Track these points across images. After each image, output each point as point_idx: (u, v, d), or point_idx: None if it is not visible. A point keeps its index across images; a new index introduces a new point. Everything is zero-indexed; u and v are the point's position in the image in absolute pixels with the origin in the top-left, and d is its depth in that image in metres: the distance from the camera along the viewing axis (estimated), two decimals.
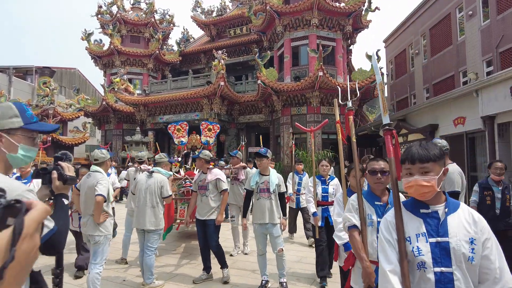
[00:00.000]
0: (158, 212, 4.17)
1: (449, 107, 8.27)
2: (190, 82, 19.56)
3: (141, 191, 4.21)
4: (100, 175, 3.67)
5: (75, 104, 20.97)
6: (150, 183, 4.20)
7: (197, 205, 4.55)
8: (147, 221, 4.11)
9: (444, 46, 17.25)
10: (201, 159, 4.48)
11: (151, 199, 4.16)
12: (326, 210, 4.44)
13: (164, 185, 4.23)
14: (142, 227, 4.16)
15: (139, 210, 4.20)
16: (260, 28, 19.39)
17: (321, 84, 15.49)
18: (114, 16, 23.62)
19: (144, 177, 4.29)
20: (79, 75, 33.17)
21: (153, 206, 4.14)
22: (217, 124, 7.45)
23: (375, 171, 2.28)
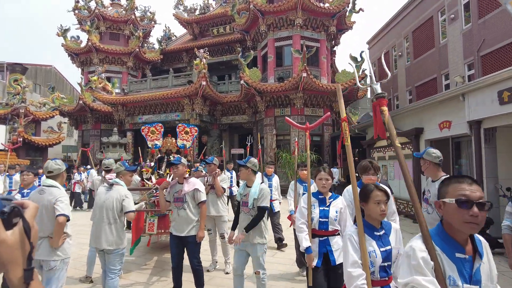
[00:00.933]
0: (118, 230, 3.66)
1: (434, 111, 8.10)
2: (171, 81, 18.97)
3: (97, 205, 3.72)
4: (58, 191, 3.17)
5: (49, 103, 20.01)
6: (108, 196, 3.69)
7: (172, 219, 4.07)
8: (104, 240, 3.60)
9: (426, 49, 17.32)
10: (184, 165, 4.05)
11: (108, 215, 3.64)
12: (325, 243, 2.99)
13: (126, 199, 3.67)
14: (96, 245, 3.67)
15: (95, 227, 3.70)
16: (244, 27, 19.02)
17: (305, 85, 15.24)
18: (92, 12, 22.73)
19: (103, 189, 3.78)
20: (56, 72, 31.90)
21: (110, 223, 3.62)
22: (194, 127, 6.98)
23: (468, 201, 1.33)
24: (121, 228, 3.68)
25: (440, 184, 1.55)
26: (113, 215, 3.63)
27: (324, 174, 3.08)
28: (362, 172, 3.14)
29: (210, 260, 5.31)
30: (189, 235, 3.86)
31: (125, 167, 3.96)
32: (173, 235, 3.97)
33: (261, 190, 3.57)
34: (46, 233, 3.12)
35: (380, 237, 2.07)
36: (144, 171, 5.86)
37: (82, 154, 22.27)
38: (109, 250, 3.60)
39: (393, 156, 10.68)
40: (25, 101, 18.16)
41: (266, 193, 3.57)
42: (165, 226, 5.31)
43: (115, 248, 3.61)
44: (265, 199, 3.54)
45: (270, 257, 5.88)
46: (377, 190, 2.08)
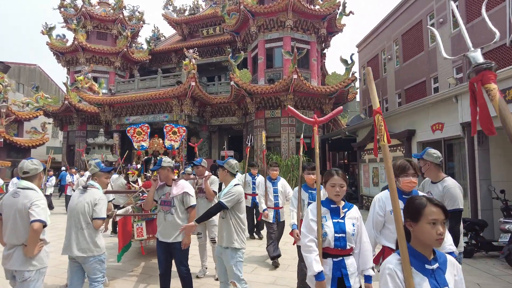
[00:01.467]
0: (91, 235, 3.30)
1: (427, 113, 8.06)
2: (159, 81, 18.64)
3: (69, 209, 3.41)
4: (34, 194, 2.88)
5: (33, 102, 19.41)
6: (80, 199, 3.35)
7: (158, 224, 3.78)
8: (75, 247, 3.23)
9: (416, 52, 17.45)
10: (165, 168, 3.70)
11: (78, 219, 3.29)
12: (339, 265, 2.37)
13: (98, 204, 3.34)
14: (67, 253, 3.32)
15: (66, 233, 3.37)
16: (234, 28, 18.85)
17: (296, 87, 15.15)
18: (79, 10, 22.23)
19: (77, 192, 3.47)
20: (40, 72, 31.09)
21: (82, 228, 3.28)
22: (183, 127, 6.74)
23: None
24: (95, 232, 3.34)
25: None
26: (85, 219, 3.31)
27: (337, 178, 2.45)
28: (399, 174, 2.68)
29: (199, 266, 5.08)
30: (176, 241, 3.61)
31: (99, 168, 3.66)
32: (160, 241, 3.71)
33: (231, 189, 3.31)
34: (20, 241, 2.83)
35: (433, 273, 1.54)
36: (130, 173, 5.59)
37: (67, 156, 21.76)
38: (83, 258, 3.27)
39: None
40: (6, 100, 17.54)
41: (232, 193, 3.26)
42: (154, 231, 5.06)
43: (89, 255, 3.27)
44: (228, 197, 3.24)
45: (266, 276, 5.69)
46: (432, 205, 1.54)
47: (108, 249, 6.73)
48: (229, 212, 3.33)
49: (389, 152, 1.75)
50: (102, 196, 3.45)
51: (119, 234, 4.78)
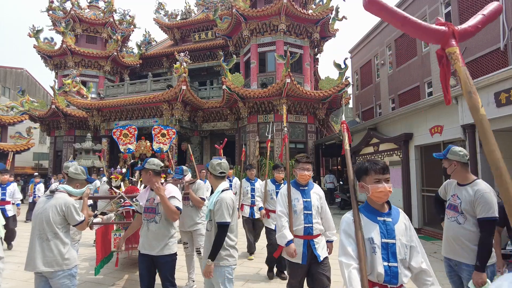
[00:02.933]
0: (59, 246, 2.85)
1: (424, 115, 7.82)
2: (150, 85, 18.22)
3: (33, 217, 2.95)
4: None
5: (17, 106, 18.81)
6: (46, 206, 2.90)
7: (141, 234, 3.29)
8: (40, 261, 2.78)
9: (409, 57, 17.40)
10: (147, 170, 3.20)
11: (43, 228, 2.84)
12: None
13: (68, 210, 2.90)
14: (34, 270, 2.84)
15: (29, 244, 2.91)
16: (226, 32, 18.61)
17: (289, 91, 14.89)
18: (68, 13, 21.76)
19: (43, 198, 3.01)
20: (27, 76, 30.38)
21: (47, 239, 2.83)
22: (172, 129, 6.38)
23: None
24: (63, 244, 2.89)
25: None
26: (51, 228, 2.84)
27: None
28: None
29: (186, 278, 4.68)
30: (161, 254, 3.14)
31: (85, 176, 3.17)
32: (142, 253, 3.23)
33: (218, 201, 2.85)
34: None
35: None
36: (113, 178, 5.18)
37: (54, 162, 21.11)
38: (50, 273, 2.81)
39: None
40: None
41: (223, 204, 2.81)
42: (136, 241, 4.65)
43: (57, 269, 2.82)
44: (222, 212, 2.79)
45: None
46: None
47: (89, 259, 6.29)
48: (214, 224, 2.86)
49: None
50: (69, 199, 2.98)
51: (97, 244, 4.33)
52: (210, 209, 2.91)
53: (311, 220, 3.18)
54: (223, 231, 2.79)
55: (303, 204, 3.23)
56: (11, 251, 7.07)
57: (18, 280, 5.17)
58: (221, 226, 2.79)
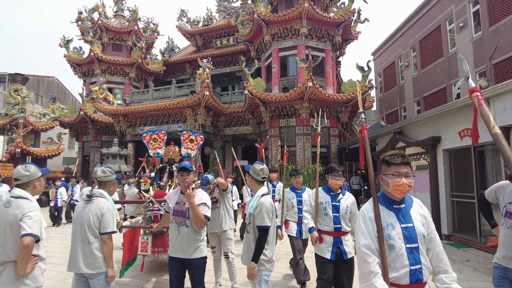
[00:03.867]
0: (98, 249, 2.96)
1: (453, 118, 7.59)
2: (174, 91, 18.62)
3: (74, 221, 3.06)
4: (27, 204, 2.57)
5: (49, 113, 19.66)
6: (86, 211, 2.98)
7: (171, 237, 3.34)
8: (82, 263, 2.90)
9: (435, 58, 16.95)
10: (190, 172, 3.25)
11: (84, 232, 2.94)
12: None
13: (106, 215, 2.97)
14: (73, 270, 2.97)
15: (71, 247, 3.03)
16: (247, 37, 18.78)
17: (311, 95, 14.82)
18: (95, 23, 22.62)
19: (81, 203, 3.12)
20: (58, 84, 31.74)
21: (88, 242, 2.94)
22: (200, 135, 6.50)
23: None
24: (99, 249, 2.98)
25: None
26: (92, 233, 2.95)
27: None
28: None
29: (213, 282, 4.73)
30: (193, 257, 3.18)
31: (114, 175, 3.24)
32: (172, 257, 3.27)
33: (258, 205, 2.95)
34: (11, 257, 2.51)
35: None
36: (142, 182, 5.33)
37: (82, 166, 21.88)
38: (91, 274, 2.92)
39: None
40: (24, 111, 17.81)
41: (263, 209, 2.92)
42: (164, 244, 4.75)
43: (98, 271, 2.94)
44: (262, 216, 2.90)
45: None
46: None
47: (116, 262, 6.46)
48: (253, 228, 2.98)
49: None
50: (110, 206, 3.07)
51: (124, 247, 4.45)
52: (250, 213, 3.01)
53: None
54: (263, 235, 2.90)
55: None
56: (47, 252, 7.37)
57: (53, 280, 5.38)
58: (262, 230, 2.90)
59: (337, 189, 3.61)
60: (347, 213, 3.53)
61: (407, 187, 1.91)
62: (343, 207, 3.53)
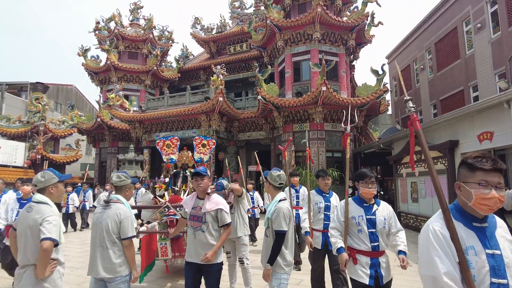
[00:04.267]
0: (115, 254, 3.00)
1: (472, 121, 7.42)
2: (188, 98, 18.86)
3: (93, 226, 3.12)
4: (47, 209, 2.65)
5: (68, 120, 20.20)
6: (104, 216, 3.04)
7: (188, 242, 3.36)
8: (101, 268, 2.96)
9: (451, 61, 16.63)
10: (204, 177, 3.26)
11: (103, 238, 3.00)
12: None
13: (124, 221, 3.02)
14: (92, 275, 3.02)
15: (91, 252, 3.10)
16: (260, 43, 18.89)
17: (325, 99, 14.75)
18: (112, 32, 23.21)
19: (99, 208, 3.17)
20: (76, 91, 32.60)
21: (107, 247, 2.99)
22: (212, 139, 6.56)
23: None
24: (121, 252, 3.05)
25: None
26: (110, 238, 3.00)
27: None
28: None
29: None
30: (208, 262, 3.17)
31: (129, 180, 3.29)
32: (188, 261, 3.28)
33: (275, 210, 3.01)
34: (31, 260, 2.59)
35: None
36: (157, 187, 5.40)
37: (99, 172, 22.33)
38: (110, 278, 2.98)
39: (423, 172, 9.92)
40: (44, 119, 18.35)
41: (280, 214, 2.97)
42: (180, 249, 4.79)
43: (116, 276, 2.99)
44: (280, 221, 2.95)
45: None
46: None
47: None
48: (271, 232, 3.03)
49: None
50: (128, 211, 3.13)
51: (142, 252, 4.51)
52: (268, 217, 3.08)
53: None
54: (280, 239, 2.96)
55: None
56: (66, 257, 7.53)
57: (72, 283, 5.49)
58: (279, 235, 2.96)
59: (370, 199, 3.04)
60: (385, 227, 2.94)
61: (498, 203, 1.47)
62: (380, 221, 2.93)
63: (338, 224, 3.02)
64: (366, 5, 16.99)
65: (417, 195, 10.44)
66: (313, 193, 4.53)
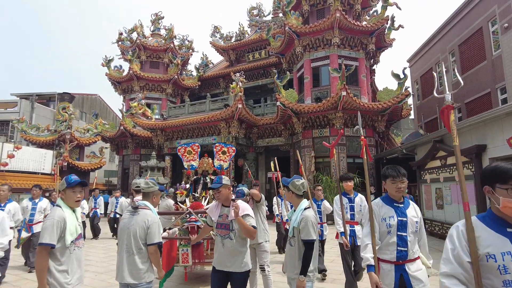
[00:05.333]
0: (142, 260, 3.06)
1: (500, 124, 7.13)
2: (208, 105, 19.12)
3: (120, 233, 3.17)
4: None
5: (92, 129, 20.86)
6: (132, 222, 3.09)
7: (215, 250, 3.38)
8: (127, 273, 3.01)
9: (476, 62, 16.12)
10: (226, 186, 3.33)
11: (130, 243, 3.04)
12: None
13: (152, 226, 3.06)
14: (118, 280, 3.07)
15: (118, 257, 3.15)
16: (279, 50, 18.96)
17: (345, 104, 14.58)
18: (134, 42, 23.90)
19: (127, 214, 3.18)
20: (100, 101, 33.68)
21: (133, 253, 3.04)
22: (232, 146, 6.60)
23: None
24: (146, 258, 3.11)
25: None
26: (137, 244, 3.06)
27: None
28: None
29: None
30: (238, 270, 3.19)
31: (157, 186, 3.36)
32: (217, 269, 3.28)
33: (302, 218, 2.96)
34: None
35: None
36: (178, 193, 5.47)
37: (122, 179, 22.86)
38: (134, 284, 3.04)
39: (449, 178, 9.60)
40: (71, 127, 19.02)
41: (308, 222, 2.93)
42: (200, 256, 4.80)
43: (141, 282, 3.05)
44: (308, 230, 2.91)
45: None
46: None
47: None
48: (297, 241, 2.99)
49: None
50: (156, 218, 3.19)
51: (163, 258, 4.54)
52: (294, 227, 3.02)
53: None
54: (310, 248, 2.91)
55: None
56: (89, 261, 7.72)
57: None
58: (308, 244, 2.92)
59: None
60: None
61: None
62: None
63: (459, 268, 1.67)
64: (386, 9, 16.78)
65: (442, 201, 10.09)
66: (377, 203, 2.87)
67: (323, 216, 6.00)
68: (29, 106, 24.61)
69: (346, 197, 4.97)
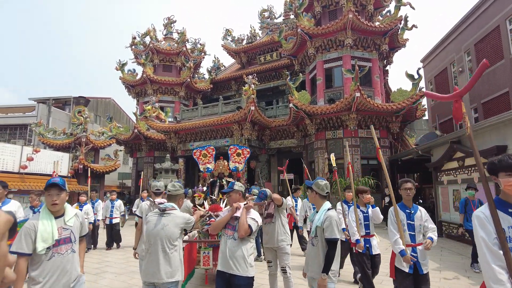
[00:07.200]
0: (176, 257, 3.15)
1: None
2: (221, 108, 19.23)
3: (150, 234, 3.20)
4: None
5: (107, 132, 21.18)
6: (165, 223, 3.17)
7: (220, 250, 3.35)
8: (163, 273, 3.04)
9: (493, 61, 15.80)
10: (237, 192, 3.48)
11: (165, 243, 3.13)
12: None
13: (191, 219, 3.34)
14: (154, 280, 3.07)
15: (149, 258, 3.15)
16: (291, 52, 18.95)
17: (358, 105, 14.47)
18: (147, 46, 24.22)
19: (155, 216, 3.23)
20: (114, 104, 34.19)
21: (167, 252, 3.11)
22: (246, 148, 6.63)
23: None
24: (178, 258, 3.18)
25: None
26: (170, 242, 3.16)
27: None
28: None
29: None
30: (237, 274, 3.12)
31: (183, 190, 3.48)
32: (219, 270, 3.26)
33: (326, 218, 3.00)
34: None
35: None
36: (196, 196, 5.52)
37: (136, 181, 23.11)
38: (166, 283, 3.07)
39: (466, 179, 9.42)
40: (86, 130, 19.36)
41: (333, 222, 2.98)
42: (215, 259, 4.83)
43: (176, 279, 3.10)
44: (332, 229, 2.95)
45: None
46: None
47: None
48: (320, 240, 3.02)
49: None
50: (187, 215, 3.35)
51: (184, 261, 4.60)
52: (317, 226, 3.06)
53: None
54: (333, 247, 2.97)
55: None
56: (107, 262, 7.84)
57: None
58: (332, 242, 2.97)
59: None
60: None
61: None
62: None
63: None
64: (399, 9, 16.63)
65: None
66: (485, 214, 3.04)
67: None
68: (46, 110, 25.18)
69: (359, 209, 4.85)
